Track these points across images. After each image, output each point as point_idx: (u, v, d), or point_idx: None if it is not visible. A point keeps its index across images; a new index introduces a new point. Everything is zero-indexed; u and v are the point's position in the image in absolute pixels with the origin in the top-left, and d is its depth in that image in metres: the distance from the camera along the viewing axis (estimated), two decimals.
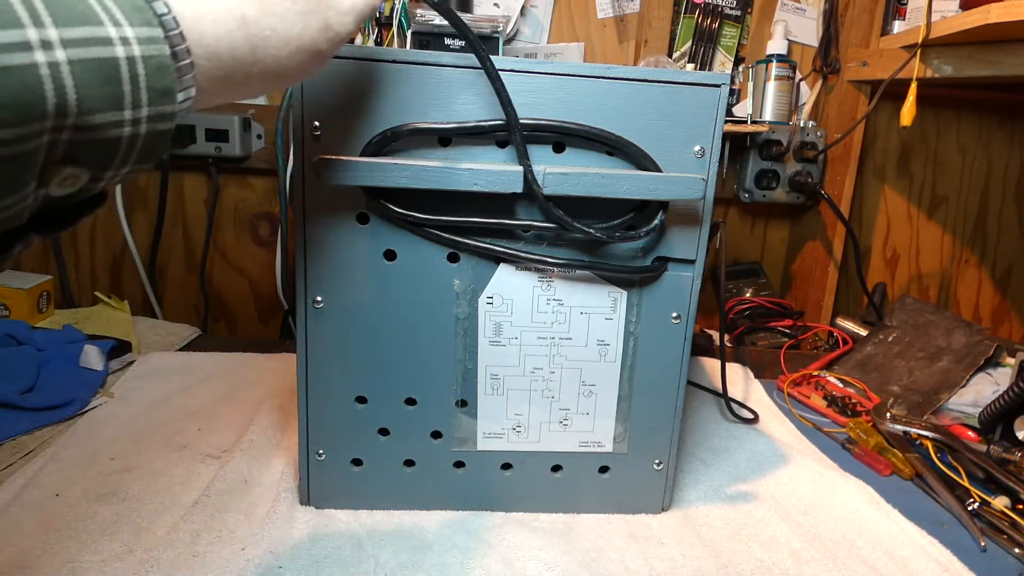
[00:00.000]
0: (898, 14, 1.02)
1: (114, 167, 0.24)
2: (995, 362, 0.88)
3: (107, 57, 0.21)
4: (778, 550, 0.56)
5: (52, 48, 0.20)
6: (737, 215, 1.19)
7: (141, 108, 0.23)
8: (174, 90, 0.24)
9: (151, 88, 0.23)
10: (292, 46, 0.28)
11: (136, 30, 0.22)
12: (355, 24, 0.32)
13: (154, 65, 0.23)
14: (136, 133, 0.23)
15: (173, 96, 0.24)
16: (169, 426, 0.69)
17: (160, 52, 0.23)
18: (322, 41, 0.30)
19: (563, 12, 1.06)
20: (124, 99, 0.22)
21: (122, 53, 0.22)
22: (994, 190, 1.24)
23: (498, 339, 0.54)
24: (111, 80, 0.22)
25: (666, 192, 0.49)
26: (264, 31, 0.27)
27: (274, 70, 0.28)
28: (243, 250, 1.10)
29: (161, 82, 0.23)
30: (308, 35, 0.29)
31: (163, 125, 0.24)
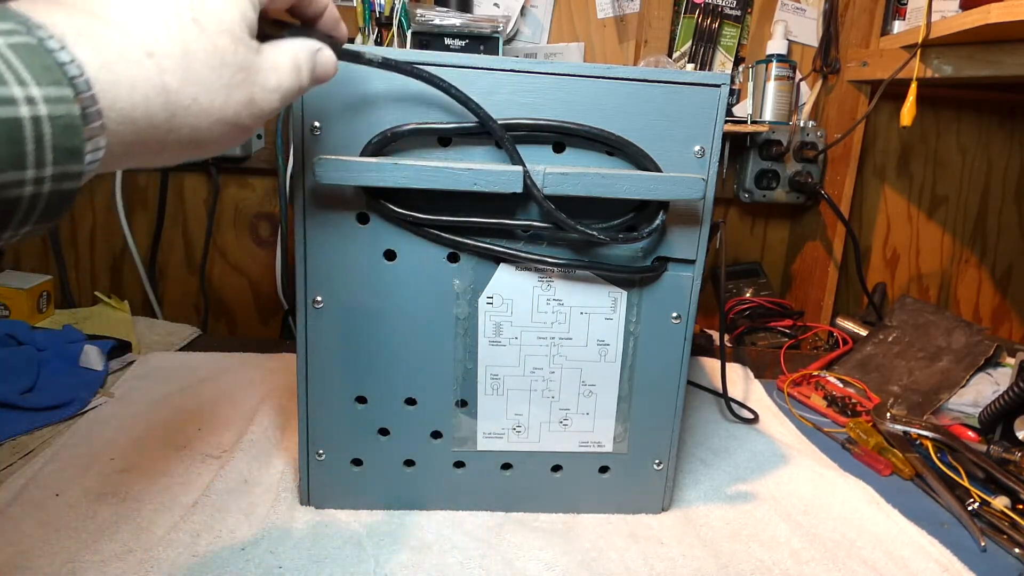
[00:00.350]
0: (898, 14, 1.03)
1: (12, 227, 0.23)
2: (995, 362, 0.88)
3: (10, 117, 0.21)
4: (778, 550, 0.56)
5: None
6: (737, 215, 1.19)
7: (45, 168, 0.22)
8: (82, 150, 0.23)
9: (57, 148, 0.22)
10: (213, 117, 0.28)
11: (43, 90, 0.22)
12: (280, 102, 0.31)
13: (61, 125, 0.22)
14: (38, 193, 0.23)
15: (80, 156, 0.23)
16: (169, 426, 0.69)
17: (68, 112, 0.22)
18: (245, 116, 0.29)
19: (563, 12, 1.06)
20: (26, 159, 0.22)
21: (27, 113, 0.21)
22: (994, 190, 1.24)
23: (498, 339, 0.54)
24: (13, 140, 0.21)
25: (666, 192, 0.49)
26: (184, 100, 0.26)
27: (192, 139, 0.28)
28: (243, 250, 1.10)
29: (68, 142, 0.23)
30: (231, 108, 0.28)
31: (68, 184, 0.23)
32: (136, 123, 0.25)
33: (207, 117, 0.27)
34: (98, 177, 1.05)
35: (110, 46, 0.24)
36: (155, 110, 0.25)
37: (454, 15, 0.86)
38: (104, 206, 1.06)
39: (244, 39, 0.29)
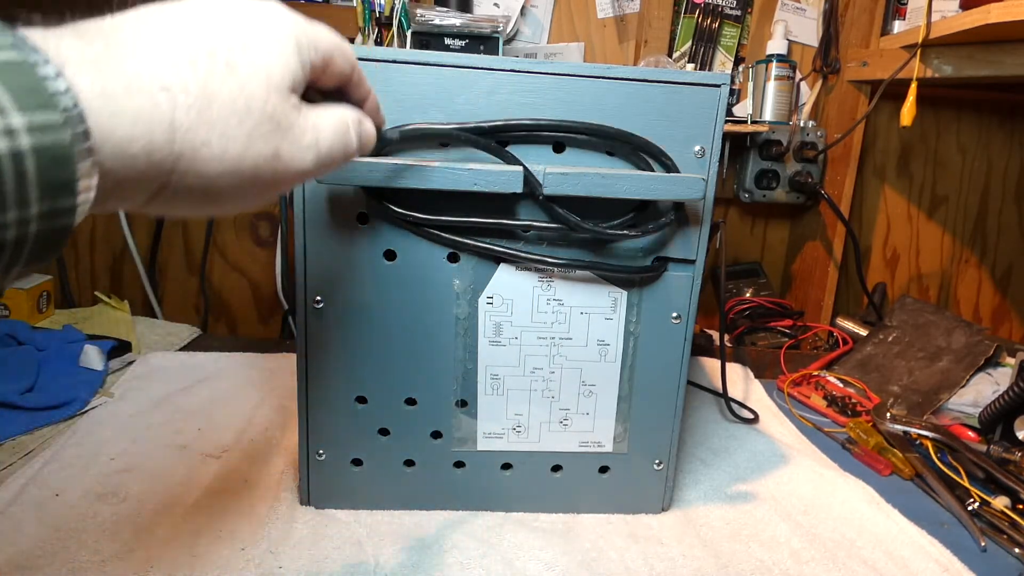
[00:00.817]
0: (898, 14, 1.03)
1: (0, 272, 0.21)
2: (995, 362, 0.88)
3: None
4: (778, 550, 0.56)
5: None
6: (737, 215, 1.19)
7: (30, 207, 0.19)
8: (74, 184, 0.20)
9: (44, 183, 0.19)
10: (225, 166, 0.24)
11: (27, 117, 0.19)
12: (315, 165, 0.28)
13: (48, 157, 0.19)
14: (24, 234, 0.20)
15: (72, 190, 0.20)
16: (169, 426, 0.69)
17: (57, 141, 0.19)
18: (266, 171, 0.26)
19: (563, 12, 1.06)
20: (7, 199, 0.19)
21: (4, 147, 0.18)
22: (994, 190, 1.24)
23: (498, 339, 0.54)
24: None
25: (666, 192, 0.49)
26: (194, 141, 0.23)
27: (200, 188, 0.24)
28: (243, 250, 1.10)
29: (57, 176, 0.20)
30: (249, 160, 0.25)
31: (60, 222, 0.20)
32: (134, 159, 0.22)
33: (218, 164, 0.24)
34: None
35: (118, 75, 0.22)
36: (157, 147, 0.23)
37: (454, 15, 0.86)
38: None
39: (282, 92, 0.26)
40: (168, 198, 0.25)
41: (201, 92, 0.23)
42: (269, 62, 0.25)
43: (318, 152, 0.28)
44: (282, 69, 0.26)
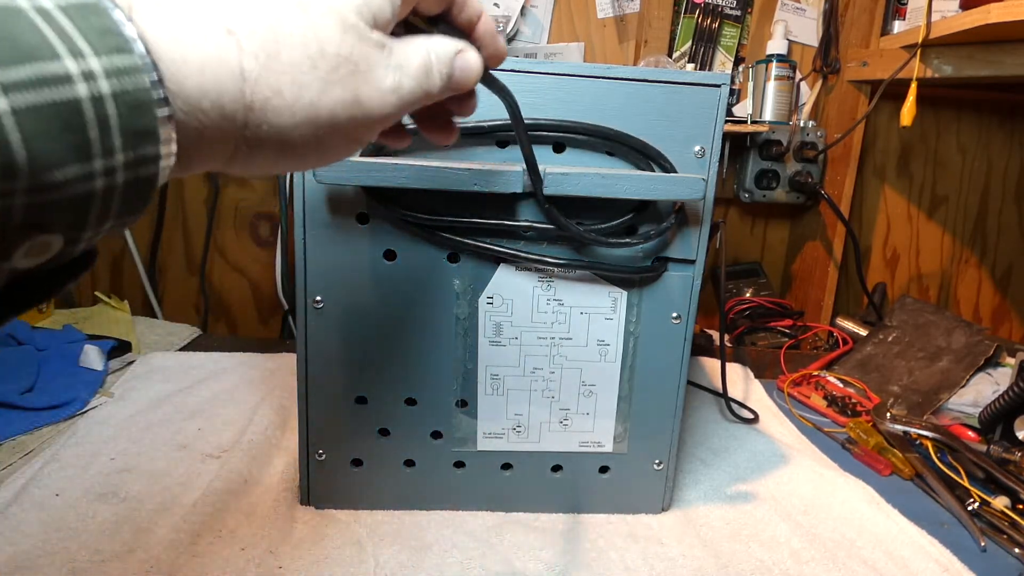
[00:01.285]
0: (898, 14, 1.03)
1: (91, 227, 0.19)
2: (995, 362, 0.88)
3: (65, 100, 0.17)
4: (778, 550, 0.56)
5: None
6: (737, 215, 1.19)
7: (115, 155, 0.18)
8: (156, 129, 0.19)
9: (126, 130, 0.18)
10: (300, 116, 0.22)
11: (104, 60, 0.18)
12: (397, 108, 0.25)
13: (129, 101, 0.18)
14: (112, 185, 0.19)
15: (155, 136, 0.19)
16: (169, 426, 0.69)
17: (137, 85, 0.18)
18: (344, 118, 0.24)
19: (563, 12, 1.06)
20: (92, 147, 0.18)
21: (84, 92, 0.17)
22: (994, 190, 1.24)
23: (498, 339, 0.54)
24: (72, 127, 0.17)
25: (666, 192, 0.49)
26: (265, 90, 0.22)
27: (276, 141, 0.23)
28: (243, 250, 1.10)
29: (139, 122, 0.19)
30: (326, 106, 0.23)
31: (146, 170, 0.19)
32: (205, 113, 0.21)
33: (292, 115, 0.22)
34: None
35: (183, 17, 0.20)
36: (228, 98, 0.21)
37: None
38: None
39: (360, 29, 0.23)
40: (247, 155, 0.23)
41: (270, 35, 0.22)
42: (360, 16, 0.23)
43: (400, 95, 0.25)
44: (359, 4, 0.23)
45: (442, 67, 0.27)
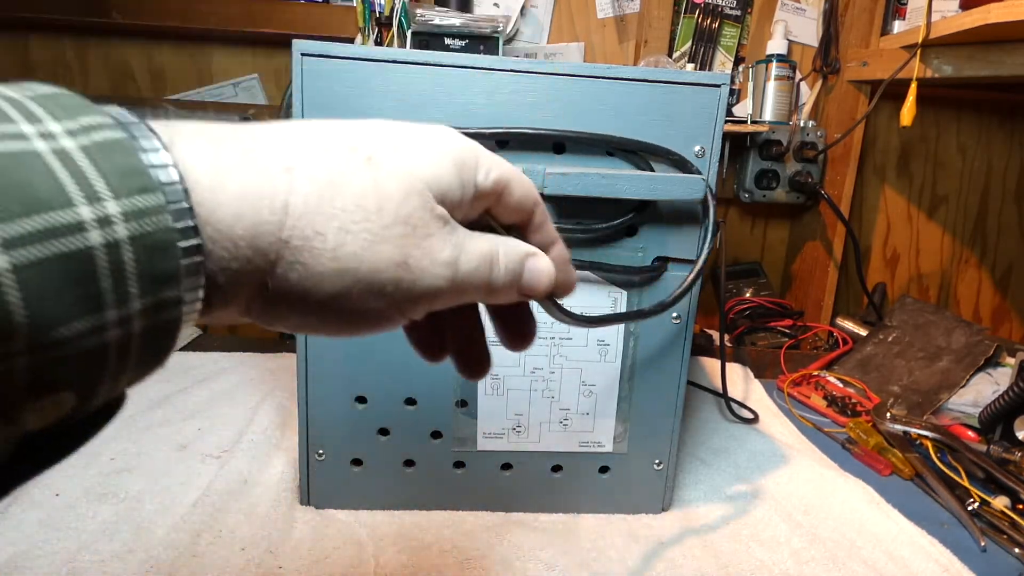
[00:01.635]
0: (898, 14, 1.02)
1: (107, 380, 0.18)
2: (995, 362, 0.88)
3: (75, 250, 0.16)
4: (778, 550, 0.56)
5: None
6: (737, 215, 1.18)
7: (130, 303, 0.17)
8: (177, 271, 0.18)
9: (143, 275, 0.17)
10: (339, 264, 0.20)
11: (123, 202, 0.17)
12: (448, 286, 0.23)
13: (148, 244, 0.17)
14: (127, 334, 0.17)
15: (176, 280, 0.18)
16: (169, 426, 0.69)
17: (158, 225, 0.17)
18: (388, 279, 0.21)
19: (563, 12, 1.06)
20: (103, 297, 0.17)
21: (98, 240, 0.16)
22: (994, 190, 1.24)
23: None
24: (81, 278, 0.16)
25: (666, 192, 0.49)
26: (307, 230, 0.20)
27: (302, 289, 0.21)
28: None
29: (159, 265, 0.17)
30: (370, 260, 0.21)
31: (167, 315, 0.18)
32: (235, 242, 0.19)
33: (331, 260, 0.20)
34: None
35: (234, 151, 0.19)
36: (265, 229, 0.19)
37: (454, 15, 0.86)
38: None
39: (426, 197, 0.22)
40: (269, 303, 0.21)
41: (326, 179, 0.20)
42: (417, 164, 0.22)
43: (455, 271, 0.23)
44: (431, 175, 0.22)
45: (510, 262, 0.25)
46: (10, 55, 1.00)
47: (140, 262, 0.17)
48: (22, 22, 0.98)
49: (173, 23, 0.94)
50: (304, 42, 0.47)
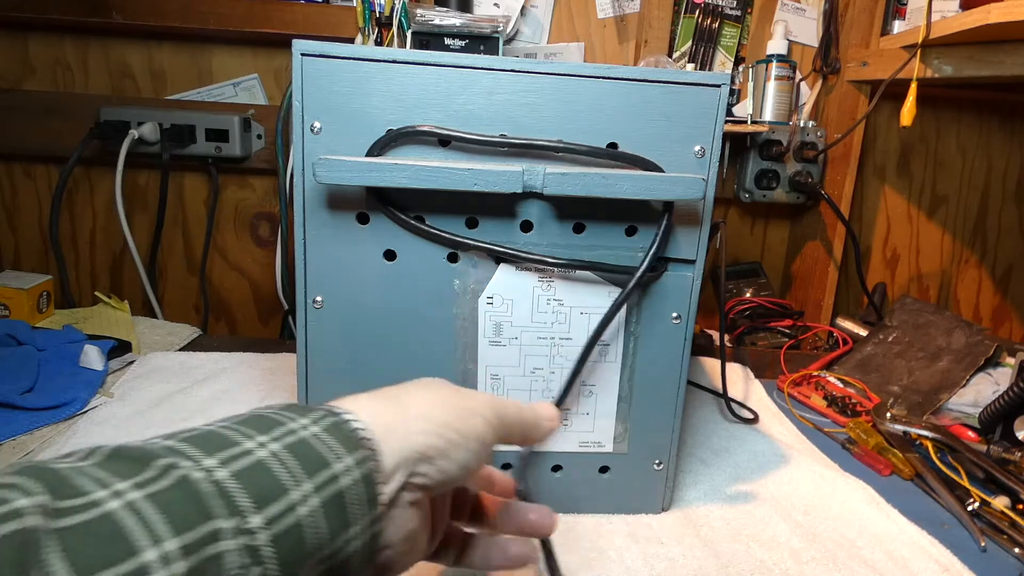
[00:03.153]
0: (898, 14, 1.02)
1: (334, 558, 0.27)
2: (995, 362, 0.88)
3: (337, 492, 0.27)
4: (778, 550, 0.56)
5: None
6: (737, 215, 1.19)
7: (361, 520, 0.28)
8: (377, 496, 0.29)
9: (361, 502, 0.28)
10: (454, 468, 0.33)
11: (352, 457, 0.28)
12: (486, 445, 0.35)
13: (366, 480, 0.28)
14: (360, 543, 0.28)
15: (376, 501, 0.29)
16: (169, 426, 0.68)
17: (370, 469, 0.28)
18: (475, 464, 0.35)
19: (563, 12, 1.06)
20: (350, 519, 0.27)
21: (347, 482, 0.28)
22: (994, 190, 1.24)
23: (498, 339, 0.54)
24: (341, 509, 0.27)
25: (666, 192, 0.49)
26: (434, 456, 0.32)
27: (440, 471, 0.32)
28: (243, 250, 1.10)
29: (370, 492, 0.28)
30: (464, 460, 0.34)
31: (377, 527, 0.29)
32: (403, 467, 0.30)
33: (449, 465, 0.33)
34: (99, 177, 1.05)
35: (396, 417, 0.31)
36: (419, 453, 0.31)
37: (454, 15, 0.86)
38: (104, 206, 1.06)
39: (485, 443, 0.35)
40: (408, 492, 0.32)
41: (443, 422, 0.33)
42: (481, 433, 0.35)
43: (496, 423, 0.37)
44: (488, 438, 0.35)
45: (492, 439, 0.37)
46: (10, 55, 1.00)
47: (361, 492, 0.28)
48: (22, 22, 0.98)
49: (173, 23, 0.94)
50: (304, 42, 0.47)
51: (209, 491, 0.23)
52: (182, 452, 0.24)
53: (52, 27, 0.99)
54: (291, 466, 0.26)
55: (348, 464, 0.27)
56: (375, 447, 0.29)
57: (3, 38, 0.99)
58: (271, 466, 0.25)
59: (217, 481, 0.24)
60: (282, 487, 0.25)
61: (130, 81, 1.02)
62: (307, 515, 0.25)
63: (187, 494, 0.23)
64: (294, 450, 0.26)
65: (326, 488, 0.26)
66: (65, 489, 0.21)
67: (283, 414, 0.29)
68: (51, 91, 1.01)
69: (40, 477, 0.21)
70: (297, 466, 0.26)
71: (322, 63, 0.47)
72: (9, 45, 1.00)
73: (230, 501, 0.23)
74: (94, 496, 0.22)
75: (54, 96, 1.00)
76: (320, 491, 0.26)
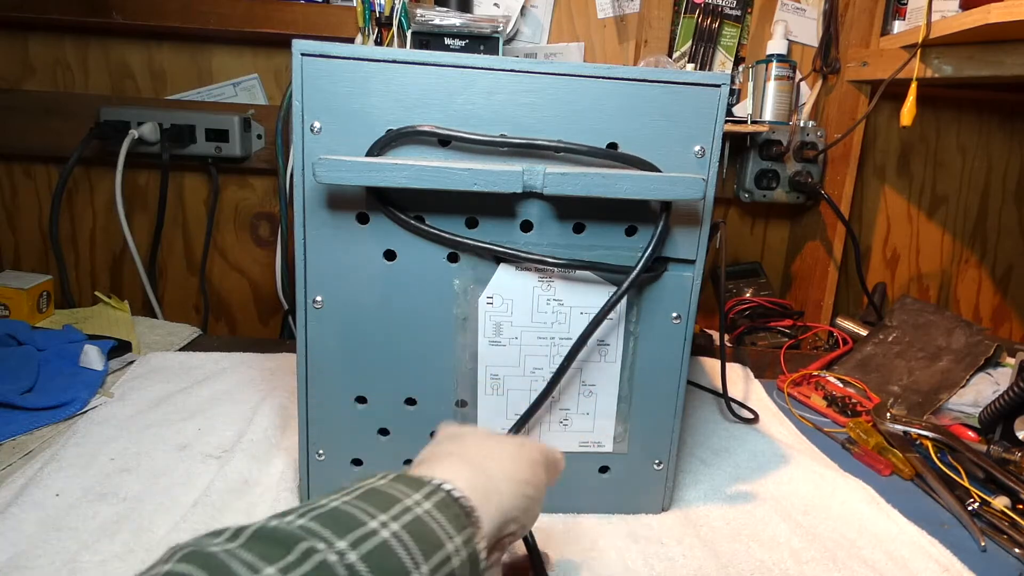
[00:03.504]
0: (898, 14, 1.02)
1: None
2: (995, 362, 0.88)
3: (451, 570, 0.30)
4: (778, 550, 0.56)
5: None
6: (737, 215, 1.19)
7: None
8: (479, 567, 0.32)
9: None
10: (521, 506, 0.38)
11: (462, 535, 0.31)
12: None
13: (472, 553, 0.32)
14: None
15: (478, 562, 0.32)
16: (169, 426, 0.69)
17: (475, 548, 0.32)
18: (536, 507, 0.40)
19: (563, 12, 1.06)
20: None
21: (457, 562, 0.31)
22: (994, 190, 1.24)
23: (498, 339, 0.54)
24: None
25: (666, 192, 0.49)
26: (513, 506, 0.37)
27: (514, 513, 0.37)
28: (243, 250, 1.10)
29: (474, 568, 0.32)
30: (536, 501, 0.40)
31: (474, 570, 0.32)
32: (495, 531, 0.35)
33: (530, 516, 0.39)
34: (99, 177, 1.05)
35: (487, 483, 0.36)
36: (508, 516, 0.36)
37: (454, 15, 0.86)
38: (104, 206, 1.06)
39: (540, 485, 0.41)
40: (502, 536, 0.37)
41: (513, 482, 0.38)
42: (544, 481, 0.41)
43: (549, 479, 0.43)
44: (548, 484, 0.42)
45: None
46: (10, 55, 1.00)
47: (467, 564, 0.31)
48: (22, 22, 0.98)
49: (173, 23, 0.94)
50: (304, 42, 0.47)
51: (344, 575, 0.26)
52: (316, 533, 0.27)
53: (52, 27, 0.99)
54: (411, 548, 0.29)
55: (458, 544, 0.30)
56: (478, 523, 0.33)
57: (3, 38, 0.99)
58: (395, 549, 0.28)
59: (350, 565, 0.26)
60: (405, 570, 0.28)
61: (130, 81, 1.02)
62: None
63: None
64: (412, 530, 0.29)
65: (440, 570, 0.29)
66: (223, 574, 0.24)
67: (397, 489, 0.32)
68: (51, 91, 1.01)
69: (205, 566, 0.24)
70: (416, 548, 0.29)
71: (322, 63, 0.47)
72: (9, 45, 1.00)
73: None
74: None
75: (54, 96, 1.00)
76: (435, 573, 0.29)
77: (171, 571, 0.24)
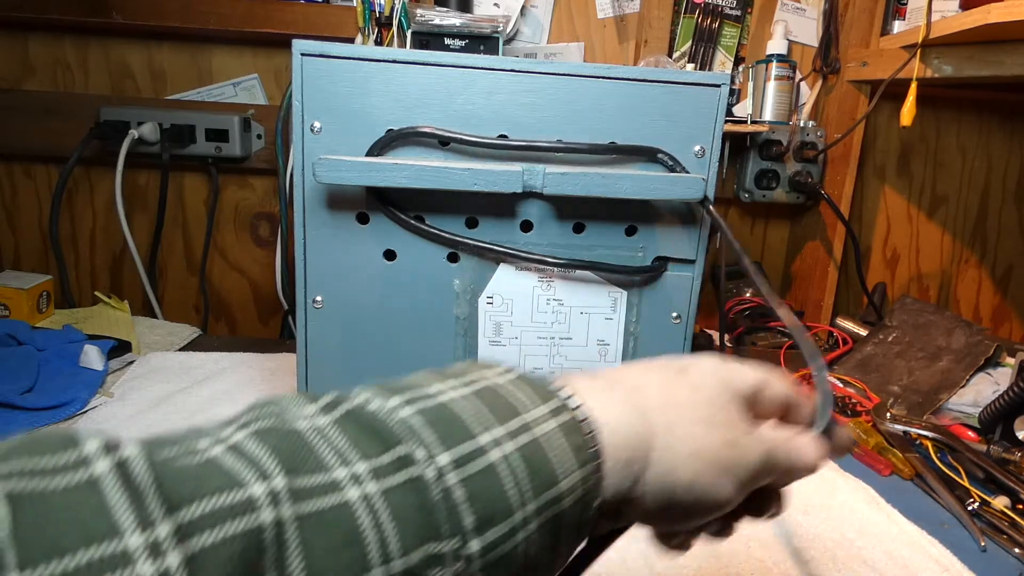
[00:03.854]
0: (898, 14, 1.02)
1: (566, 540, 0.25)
2: (995, 362, 0.88)
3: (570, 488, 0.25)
4: (778, 550, 0.56)
5: None
6: (737, 215, 1.19)
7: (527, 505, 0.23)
8: (591, 518, 0.26)
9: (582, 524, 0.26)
10: (688, 448, 0.28)
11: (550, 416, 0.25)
12: (760, 459, 0.30)
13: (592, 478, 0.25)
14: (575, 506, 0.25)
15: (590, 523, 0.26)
16: (169, 426, 0.68)
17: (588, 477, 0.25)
18: (725, 457, 0.29)
19: (563, 12, 1.06)
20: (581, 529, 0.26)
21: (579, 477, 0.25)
22: (994, 190, 1.24)
23: (498, 339, 0.54)
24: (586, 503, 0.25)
25: (666, 192, 0.49)
26: (660, 427, 0.28)
27: (669, 479, 0.28)
28: (243, 250, 1.10)
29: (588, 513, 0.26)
30: (709, 443, 0.29)
31: (591, 496, 0.26)
32: (617, 448, 0.27)
33: (682, 447, 0.28)
34: (99, 177, 1.05)
35: (612, 394, 0.28)
36: (635, 433, 0.27)
37: (454, 15, 0.86)
38: (104, 206, 1.06)
39: (738, 403, 0.31)
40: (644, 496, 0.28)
41: (666, 397, 0.29)
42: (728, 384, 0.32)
43: (766, 450, 0.31)
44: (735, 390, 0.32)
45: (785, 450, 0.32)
46: (10, 55, 1.00)
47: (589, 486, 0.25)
48: (22, 22, 0.98)
49: (173, 23, 0.94)
50: (304, 42, 0.47)
51: (438, 502, 0.22)
52: (418, 435, 0.22)
53: (52, 27, 0.99)
54: (521, 480, 0.23)
55: (574, 482, 0.24)
56: (601, 467, 0.26)
57: (3, 38, 0.99)
58: (503, 478, 0.23)
59: (447, 491, 0.22)
60: (508, 507, 0.23)
61: (130, 81, 1.02)
62: (522, 540, 0.23)
63: (419, 503, 0.21)
64: (527, 454, 0.24)
65: (546, 511, 0.24)
66: (306, 461, 0.20)
67: (518, 395, 0.26)
68: (51, 91, 1.01)
69: (277, 450, 0.20)
70: (526, 480, 0.23)
71: (322, 63, 0.47)
72: (9, 45, 1.00)
73: (455, 518, 0.22)
74: (335, 476, 0.20)
75: (54, 96, 1.00)
76: (541, 513, 0.23)
77: (237, 445, 0.20)
